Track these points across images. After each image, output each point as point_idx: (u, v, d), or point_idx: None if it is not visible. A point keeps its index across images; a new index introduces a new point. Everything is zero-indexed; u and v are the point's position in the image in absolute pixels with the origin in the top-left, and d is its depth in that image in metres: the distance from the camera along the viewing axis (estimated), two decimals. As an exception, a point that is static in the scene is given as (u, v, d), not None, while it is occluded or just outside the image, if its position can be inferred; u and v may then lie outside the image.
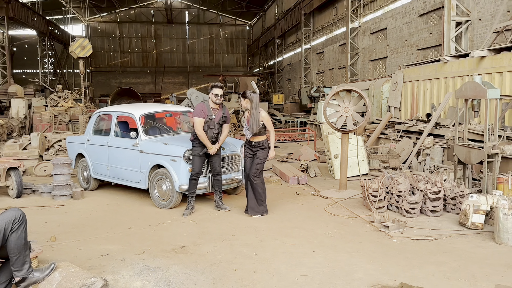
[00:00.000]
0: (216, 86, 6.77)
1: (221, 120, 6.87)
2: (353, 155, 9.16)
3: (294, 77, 37.26)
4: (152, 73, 51.66)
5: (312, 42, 32.33)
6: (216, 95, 6.75)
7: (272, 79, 43.48)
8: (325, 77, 29.83)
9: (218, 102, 6.77)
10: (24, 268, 3.82)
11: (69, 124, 18.69)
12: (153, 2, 51.21)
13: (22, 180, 8.31)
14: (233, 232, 5.87)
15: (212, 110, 6.80)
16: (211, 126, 6.75)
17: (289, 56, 39.00)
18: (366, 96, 7.98)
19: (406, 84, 13.36)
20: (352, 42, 24.03)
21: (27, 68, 46.79)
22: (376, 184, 6.70)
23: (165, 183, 7.19)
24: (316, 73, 31.79)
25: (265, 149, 6.67)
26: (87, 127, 9.06)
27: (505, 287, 4.06)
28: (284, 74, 41.11)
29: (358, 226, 6.10)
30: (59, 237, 5.74)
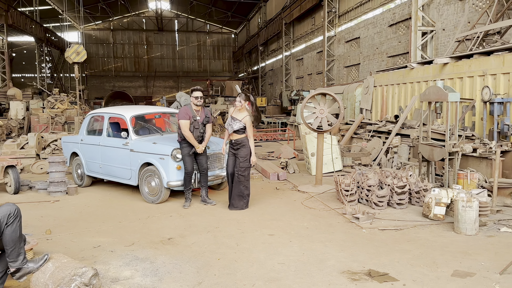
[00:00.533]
0: (195, 90, 6.83)
1: (205, 120, 6.91)
2: (328, 153, 9.21)
3: (276, 81, 37.32)
4: (144, 77, 51.19)
5: (292, 49, 32.42)
6: (196, 97, 6.80)
7: (255, 83, 43.47)
8: (304, 81, 29.94)
9: (198, 104, 6.82)
10: (19, 259, 3.76)
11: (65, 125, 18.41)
12: (145, 11, 50.74)
13: (20, 177, 8.17)
14: (217, 225, 5.87)
15: (195, 112, 6.83)
16: (196, 126, 6.79)
17: (271, 62, 39.04)
18: (340, 99, 8.03)
19: (376, 89, 13.49)
20: (328, 49, 24.16)
21: (26, 73, 45.91)
22: (348, 179, 6.74)
23: (154, 179, 7.14)
24: (296, 78, 31.88)
25: (246, 147, 6.64)
26: (81, 127, 8.95)
27: (462, 272, 4.14)
28: (267, 78, 41.14)
29: (331, 218, 6.13)
30: (54, 231, 5.66)
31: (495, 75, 8.43)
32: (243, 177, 6.62)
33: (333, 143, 9.41)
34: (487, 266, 4.26)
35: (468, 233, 5.26)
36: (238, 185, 6.62)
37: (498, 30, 11.27)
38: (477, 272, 4.13)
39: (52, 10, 40.79)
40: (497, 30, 11.28)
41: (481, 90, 8.49)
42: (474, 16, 12.51)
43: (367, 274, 4.09)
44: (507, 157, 7.45)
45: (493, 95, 8.08)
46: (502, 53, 8.36)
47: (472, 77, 9.09)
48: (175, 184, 6.95)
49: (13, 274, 3.75)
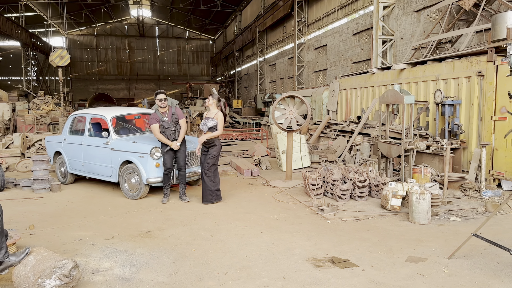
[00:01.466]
0: (159, 93, 6.77)
1: (173, 118, 6.80)
2: (297, 151, 9.26)
3: (251, 85, 37.32)
4: (126, 80, 50.23)
5: (266, 55, 32.48)
6: (160, 99, 6.75)
7: (232, 86, 43.36)
8: (277, 85, 30.04)
9: (163, 106, 6.75)
10: (0, 253, 3.63)
11: (50, 126, 17.89)
12: (127, 18, 49.76)
13: (5, 175, 7.90)
14: (193, 218, 5.82)
15: (162, 114, 6.78)
16: (166, 126, 6.72)
17: (247, 67, 39.01)
18: (308, 101, 8.09)
19: (341, 92, 13.66)
20: (298, 56, 24.31)
21: (12, 75, 44.32)
22: (315, 175, 6.78)
23: (133, 176, 7.03)
24: (269, 82, 31.95)
25: (216, 146, 6.62)
26: (64, 127, 8.71)
27: (415, 258, 4.25)
28: (243, 82, 41.08)
29: (299, 210, 6.16)
30: (37, 226, 5.50)
31: (446, 79, 8.67)
32: (209, 172, 6.58)
33: (302, 141, 9.47)
34: (438, 252, 4.38)
35: (421, 222, 5.38)
36: (207, 181, 6.59)
37: (449, 39, 11.60)
38: (429, 257, 4.25)
39: (37, 16, 39.53)
40: (448, 39, 11.61)
41: (434, 93, 8.72)
42: (428, 26, 12.84)
43: (330, 261, 4.14)
44: (456, 153, 7.68)
45: (445, 97, 8.31)
46: (453, 60, 8.61)
47: (426, 81, 9.32)
48: (154, 180, 6.86)
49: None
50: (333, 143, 10.94)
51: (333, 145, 10.76)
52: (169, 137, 6.72)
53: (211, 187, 6.62)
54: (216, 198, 6.67)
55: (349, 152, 10.01)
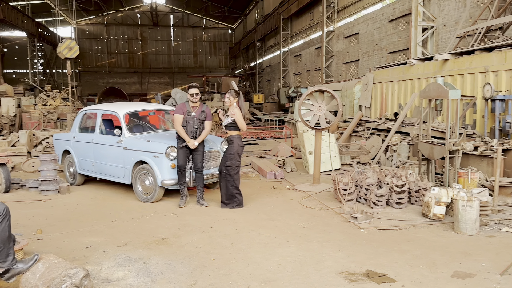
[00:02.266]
0: (191, 87, 6.91)
1: (201, 116, 6.89)
2: (326, 152, 9.21)
3: (274, 78, 37.29)
4: (138, 73, 51.05)
5: (290, 45, 32.39)
6: (192, 94, 6.86)
7: (252, 79, 43.44)
8: (302, 78, 29.93)
9: (194, 100, 6.87)
10: (8, 259, 3.74)
11: (58, 122, 18.34)
12: (139, 6, 50.56)
13: (10, 175, 8.14)
14: (212, 224, 5.85)
15: (191, 108, 6.87)
16: (190, 121, 6.81)
17: (269, 58, 39.00)
18: (338, 96, 8.02)
19: (376, 85, 13.49)
20: (327, 45, 24.14)
21: (17, 68, 45.69)
22: (346, 178, 6.73)
23: (148, 178, 7.12)
24: (294, 75, 31.86)
25: (233, 144, 6.65)
26: (73, 124, 8.91)
27: (462, 273, 4.14)
28: (264, 75, 41.09)
29: (329, 217, 6.13)
30: (45, 230, 5.64)
31: (497, 71, 8.43)
32: (230, 176, 6.64)
33: (331, 141, 9.40)
34: (488, 267, 4.26)
35: (468, 233, 5.26)
36: (227, 184, 6.65)
37: (500, 26, 11.27)
38: (477, 273, 4.14)
39: (44, 4, 40.58)
40: (499, 26, 11.29)
41: (482, 87, 8.50)
42: (475, 12, 12.51)
43: (365, 275, 4.09)
44: (508, 155, 7.46)
45: (495, 92, 8.09)
46: (504, 49, 8.36)
47: (474, 73, 9.09)
48: (170, 182, 6.94)
49: (2, 275, 3.73)
50: (366, 142, 10.84)
51: (366, 145, 10.67)
52: (189, 133, 6.81)
53: (232, 191, 6.67)
54: (236, 204, 6.70)
55: (385, 153, 9.91)
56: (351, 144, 11.09)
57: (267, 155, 12.52)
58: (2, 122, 19.35)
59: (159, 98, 29.46)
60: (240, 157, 6.76)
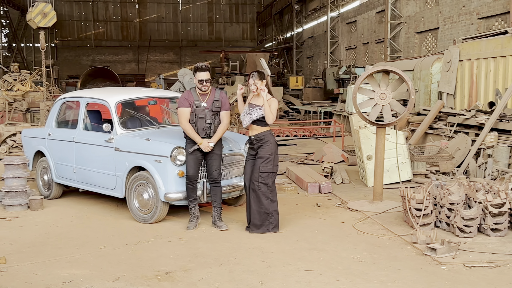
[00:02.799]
0: (199, 69, 6.79)
1: (215, 106, 6.87)
2: (392, 156, 9.13)
3: (318, 54, 37.16)
4: (135, 48, 51.88)
5: (341, 8, 32.22)
6: (201, 80, 6.79)
7: (288, 56, 43.40)
8: (358, 54, 29.71)
9: (204, 89, 6.82)
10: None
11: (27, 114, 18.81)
12: (136, -43, 51.48)
13: (-35, 184, 8.38)
14: (233, 255, 5.86)
15: (199, 96, 6.87)
16: (200, 115, 6.79)
17: (311, 27, 38.89)
18: (409, 79, 7.94)
19: (462, 64, 13.27)
20: (393, 8, 23.92)
21: (-26, 42, 47.17)
22: (420, 194, 6.66)
23: (147, 190, 7.20)
24: (346, 49, 31.67)
25: (269, 144, 6.64)
26: (49, 117, 9.10)
27: None
28: (305, 50, 40.99)
29: (396, 248, 6.07)
30: (10, 259, 5.77)
31: None
32: (265, 186, 6.64)
33: (400, 141, 9.31)
34: None
35: None
36: (259, 198, 6.65)
37: None
38: None
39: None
40: None
41: None
42: None
43: (448, 330, 4.02)
44: None
45: None
46: None
47: None
48: (176, 196, 6.99)
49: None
50: (449, 144, 10.72)
51: (448, 148, 10.54)
52: (200, 131, 6.81)
53: (268, 207, 6.65)
54: (272, 226, 6.71)
55: (475, 159, 9.75)
56: (427, 146, 10.96)
57: (308, 160, 12.48)
58: (-45, 114, 19.97)
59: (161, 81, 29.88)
60: (278, 161, 6.78)
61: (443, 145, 10.74)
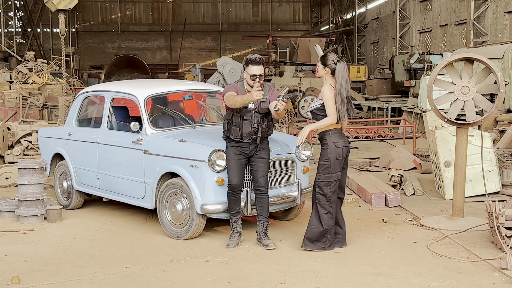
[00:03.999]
0: (253, 62, 6.71)
1: (262, 107, 6.79)
2: (476, 163, 9.00)
3: (384, 38, 36.84)
4: (167, 33, 52.48)
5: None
6: (254, 76, 6.70)
7: (349, 42, 43.17)
8: (434, 38, 29.33)
9: (258, 87, 6.59)
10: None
11: (44, 110, 19.24)
12: None
13: (-26, 192, 8.63)
14: (282, 279, 5.85)
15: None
16: (246, 117, 6.76)
17: (376, 7, 38.61)
18: (498, 69, 7.79)
19: None
20: (477, -18, 23.51)
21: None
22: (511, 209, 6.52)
23: (180, 200, 7.26)
24: (419, 33, 31.29)
25: (327, 146, 6.62)
26: (69, 114, 9.28)
27: None
28: (368, 34, 40.70)
29: (480, 274, 5.98)
30: (24, 278, 5.89)
31: None
32: (321, 196, 6.67)
33: (485, 145, 9.16)
34: None
35: None
36: (317, 210, 6.71)
37: None
38: None
39: None
40: None
41: None
42: None
43: None
44: None
45: None
46: None
47: None
48: (214, 208, 7.03)
49: None
50: (547, 148, 10.43)
51: (546, 153, 10.28)
52: (244, 136, 6.78)
53: (327, 221, 6.64)
54: (331, 244, 6.74)
55: None
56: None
57: (372, 167, 12.41)
58: (-37, 110, 20.66)
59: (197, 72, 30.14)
60: (340, 166, 6.75)
61: (540, 150, 10.51)
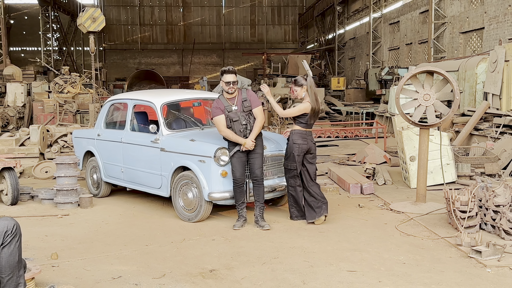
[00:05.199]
0: (227, 72, 6.97)
1: (245, 106, 6.98)
2: (436, 157, 9.01)
3: (360, 55, 36.83)
4: (179, 51, 52.54)
5: (384, 9, 31.86)
6: (228, 82, 6.93)
7: (330, 57, 43.18)
8: (401, 54, 29.34)
9: (231, 91, 6.96)
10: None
11: (77, 115, 19.32)
12: (181, -39, 52.06)
13: (19, 183, 8.62)
14: (276, 254, 5.90)
15: (228, 101, 6.99)
16: (234, 118, 6.92)
17: (353, 28, 38.58)
18: (454, 79, 7.82)
19: (509, 64, 12.94)
20: (437, 8, 23.54)
21: (27, 45, 48.61)
22: (465, 195, 6.55)
23: (191, 189, 7.31)
24: (389, 50, 31.30)
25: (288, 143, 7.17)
26: (98, 118, 9.33)
27: None
28: (347, 51, 40.69)
29: (440, 250, 6.00)
30: (61, 254, 5.95)
31: None
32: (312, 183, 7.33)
33: (444, 143, 9.18)
34: None
35: None
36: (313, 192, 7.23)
37: None
38: None
39: (61, -37, 42.84)
40: None
41: None
42: None
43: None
44: None
45: None
46: None
47: None
48: (220, 196, 7.08)
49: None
50: (494, 145, 10.56)
51: (493, 149, 10.34)
52: (238, 133, 6.92)
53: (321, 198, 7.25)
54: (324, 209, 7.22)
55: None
56: (472, 148, 10.80)
57: (350, 161, 12.42)
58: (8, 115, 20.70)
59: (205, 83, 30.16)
60: (300, 158, 7.12)
61: (489, 147, 10.55)
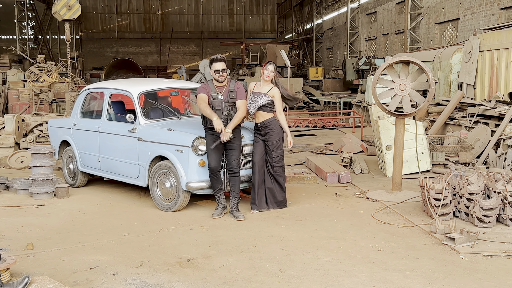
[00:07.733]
0: (216, 60, 6.96)
1: (230, 97, 6.96)
2: (411, 147, 9.09)
3: (337, 45, 36.91)
4: (157, 40, 52.02)
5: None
6: (217, 71, 6.91)
7: (308, 47, 43.20)
8: (378, 45, 29.47)
9: (221, 79, 6.94)
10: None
11: (53, 104, 19.05)
12: (158, -51, 51.47)
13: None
14: (253, 243, 5.92)
15: (217, 89, 6.97)
16: (217, 107, 6.90)
17: (331, 18, 38.61)
18: (429, 69, 7.87)
19: (483, 54, 13.10)
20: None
21: (2, 34, 47.76)
22: (440, 184, 6.61)
23: (169, 179, 7.27)
24: (366, 40, 31.41)
25: (276, 130, 7.20)
26: (74, 108, 9.23)
27: None
28: (324, 41, 40.73)
29: (414, 237, 6.06)
30: (37, 245, 5.89)
31: None
32: (280, 168, 7.31)
33: (419, 132, 9.26)
34: None
35: None
36: (278, 179, 7.23)
37: None
38: None
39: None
40: None
41: None
42: None
43: (466, 319, 4.01)
44: None
45: None
46: None
47: None
48: (197, 185, 7.05)
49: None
50: (469, 134, 10.66)
51: (467, 138, 10.46)
52: None
53: (283, 185, 7.33)
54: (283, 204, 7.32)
55: (495, 150, 9.66)
56: (446, 137, 10.90)
57: (327, 151, 12.46)
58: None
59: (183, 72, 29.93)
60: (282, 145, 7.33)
61: (463, 136, 10.67)
